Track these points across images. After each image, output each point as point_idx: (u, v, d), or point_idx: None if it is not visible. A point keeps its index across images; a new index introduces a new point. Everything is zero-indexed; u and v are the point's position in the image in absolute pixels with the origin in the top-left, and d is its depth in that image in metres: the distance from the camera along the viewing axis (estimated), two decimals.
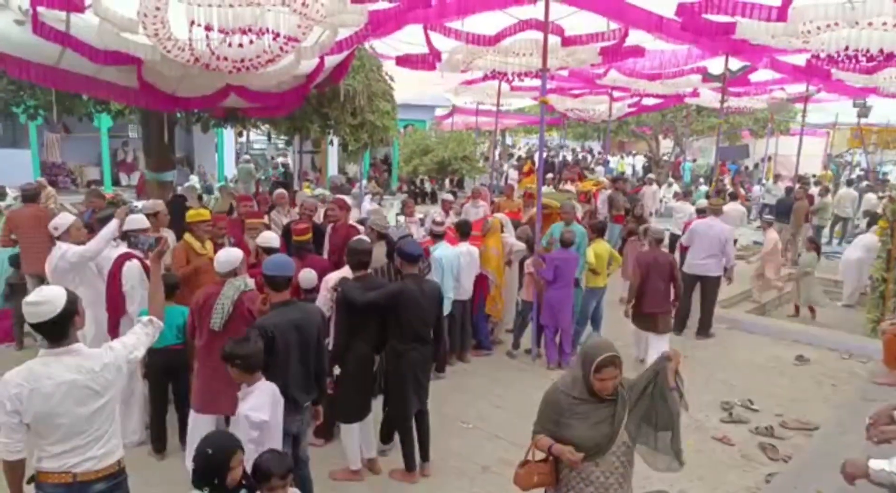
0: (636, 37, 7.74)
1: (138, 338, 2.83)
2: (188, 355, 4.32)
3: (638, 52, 8.25)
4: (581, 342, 7.20)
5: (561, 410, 2.88)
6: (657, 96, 13.97)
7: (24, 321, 6.24)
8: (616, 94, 14.58)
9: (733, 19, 6.41)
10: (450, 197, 9.09)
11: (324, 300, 4.55)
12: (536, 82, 11.92)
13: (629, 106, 16.40)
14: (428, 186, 18.56)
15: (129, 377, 2.98)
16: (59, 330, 2.54)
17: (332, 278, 4.55)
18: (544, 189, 8.22)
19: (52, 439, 2.53)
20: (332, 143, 11.28)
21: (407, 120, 19.38)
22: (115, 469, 2.66)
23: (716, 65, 10.21)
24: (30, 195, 6.83)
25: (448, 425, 5.30)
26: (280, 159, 21.95)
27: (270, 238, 4.93)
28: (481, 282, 6.65)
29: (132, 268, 4.51)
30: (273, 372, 3.44)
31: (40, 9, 4.68)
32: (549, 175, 17.28)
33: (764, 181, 18.78)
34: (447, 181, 18.28)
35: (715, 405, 5.98)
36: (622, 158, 28.91)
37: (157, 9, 4.60)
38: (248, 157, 16.48)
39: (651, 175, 16.06)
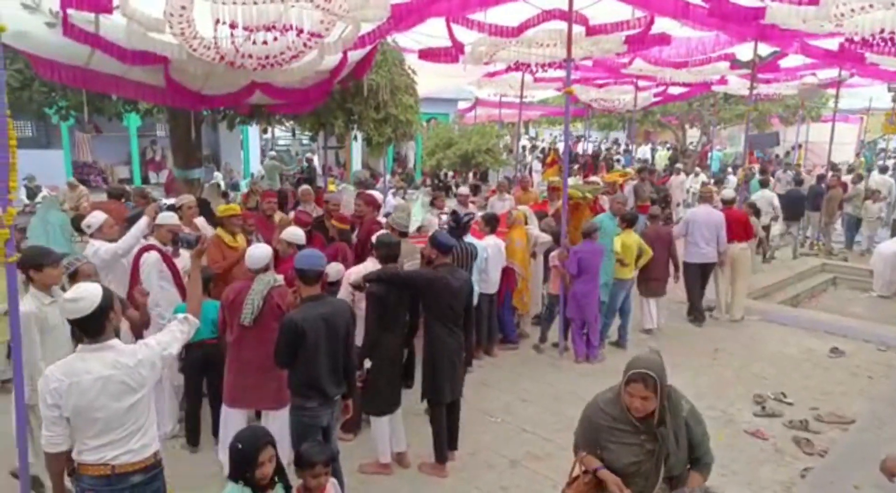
0: (662, 24, 7.60)
1: (173, 335, 2.88)
2: (223, 349, 4.38)
3: (664, 40, 8.10)
4: (608, 335, 7.15)
5: (599, 429, 2.80)
6: (683, 85, 13.69)
7: None
8: (641, 83, 14.35)
9: (762, 4, 6.27)
10: (465, 190, 9.03)
11: (345, 294, 4.59)
12: (560, 73, 11.78)
13: (655, 95, 16.12)
14: (451, 180, 18.51)
15: None
16: (95, 326, 2.60)
17: (354, 272, 4.58)
18: (570, 181, 8.15)
19: (90, 432, 2.59)
20: (356, 138, 11.29)
21: (430, 113, 19.33)
22: (151, 462, 2.72)
23: (744, 51, 9.95)
24: (115, 193, 8.08)
25: (476, 418, 5.29)
26: (308, 155, 22.10)
27: (296, 234, 4.97)
28: (507, 275, 6.62)
29: (148, 259, 4.60)
30: (302, 365, 3.50)
31: (70, 10, 4.76)
32: (576, 166, 17.11)
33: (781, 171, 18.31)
34: (471, 175, 18.23)
35: (747, 399, 5.89)
36: (656, 148, 28.36)
37: (183, 8, 4.65)
38: (273, 153, 16.60)
39: (678, 165, 15.80)
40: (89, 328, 2.60)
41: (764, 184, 11.71)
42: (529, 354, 6.89)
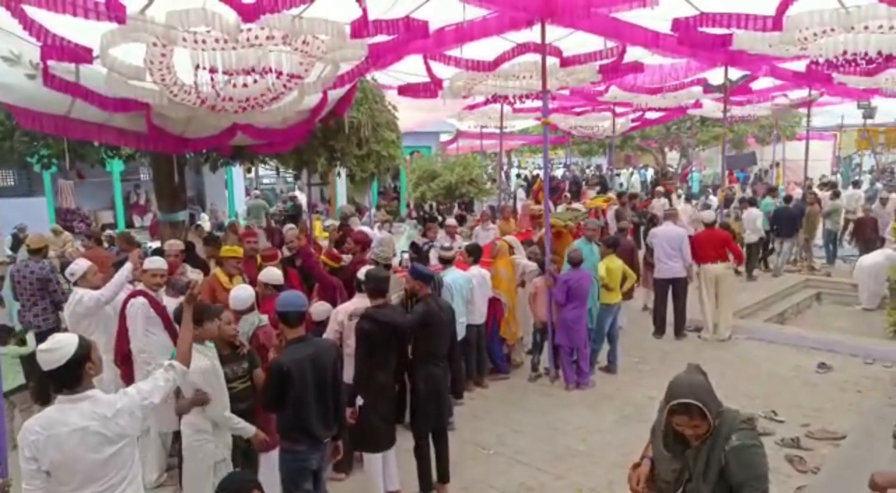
0: (634, 53, 7.80)
1: (155, 383, 2.83)
2: None
3: (637, 68, 8.30)
4: (597, 361, 7.16)
5: (655, 432, 2.72)
6: (660, 110, 13.98)
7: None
8: (619, 109, 14.63)
9: (729, 31, 6.47)
10: (454, 222, 9.13)
11: (332, 333, 4.59)
12: (538, 103, 12.06)
13: (632, 120, 16.41)
14: (438, 211, 18.63)
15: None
16: (71, 376, 2.57)
17: (342, 310, 4.58)
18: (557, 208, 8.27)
19: (71, 485, 2.54)
20: (339, 174, 11.38)
21: (412, 147, 19.54)
22: None
23: (716, 75, 10.24)
24: (94, 236, 8.59)
25: (468, 451, 5.26)
26: (292, 193, 22.20)
27: (274, 275, 4.98)
28: (494, 305, 6.65)
29: (135, 304, 4.58)
30: (291, 408, 3.46)
31: (50, 62, 4.82)
32: (565, 194, 17.31)
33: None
34: (456, 205, 18.37)
35: None
36: (632, 172, 28.81)
37: (163, 55, 4.73)
38: (258, 192, 16.66)
39: (659, 188, 16.03)
40: (65, 379, 2.56)
41: (751, 202, 11.95)
42: (520, 383, 6.88)
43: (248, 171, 17.43)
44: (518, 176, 28.76)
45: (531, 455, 5.23)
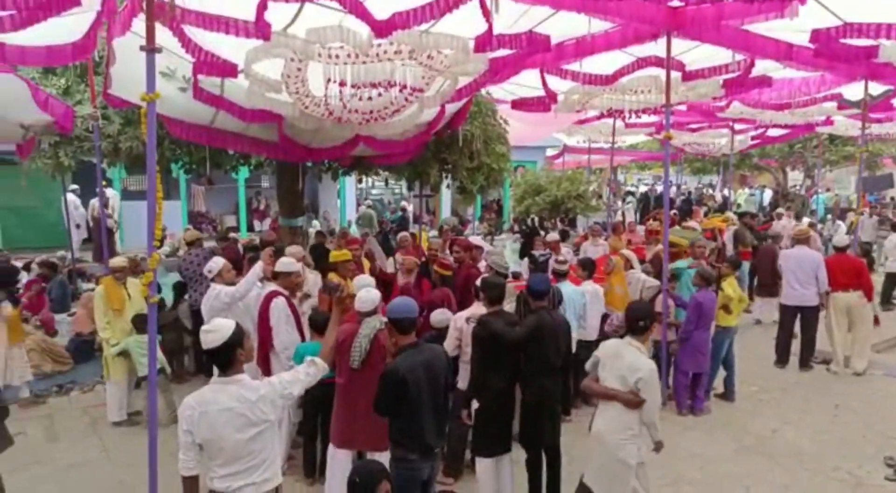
0: (762, 66, 7.43)
1: (297, 376, 3.01)
2: None
3: (765, 82, 7.89)
4: (713, 387, 6.80)
5: None
6: (785, 127, 13.20)
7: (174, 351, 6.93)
8: (738, 126, 13.95)
9: (875, 42, 6.02)
10: (556, 236, 9.01)
11: (452, 340, 4.65)
12: (652, 119, 11.70)
13: (752, 138, 15.61)
14: (539, 226, 18.49)
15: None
16: (223, 359, 2.79)
17: (460, 317, 4.64)
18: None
19: (218, 461, 2.76)
20: (448, 186, 11.60)
21: (518, 161, 19.55)
22: None
23: (853, 90, 9.51)
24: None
25: (578, 469, 5.11)
26: (403, 203, 22.89)
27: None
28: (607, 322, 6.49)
29: (277, 304, 4.86)
30: (405, 416, 3.47)
31: (200, 76, 5.29)
32: (673, 212, 16.72)
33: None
34: (558, 221, 18.16)
35: (877, 460, 5.40)
36: (753, 193, 27.21)
37: (299, 70, 5.05)
38: (369, 202, 17.26)
39: (780, 210, 15.08)
40: (219, 360, 2.81)
41: (893, 227, 10.97)
42: None
43: (360, 181, 18.12)
44: (629, 193, 28.04)
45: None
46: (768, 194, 25.82)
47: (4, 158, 13.07)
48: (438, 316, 4.68)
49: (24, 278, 8.84)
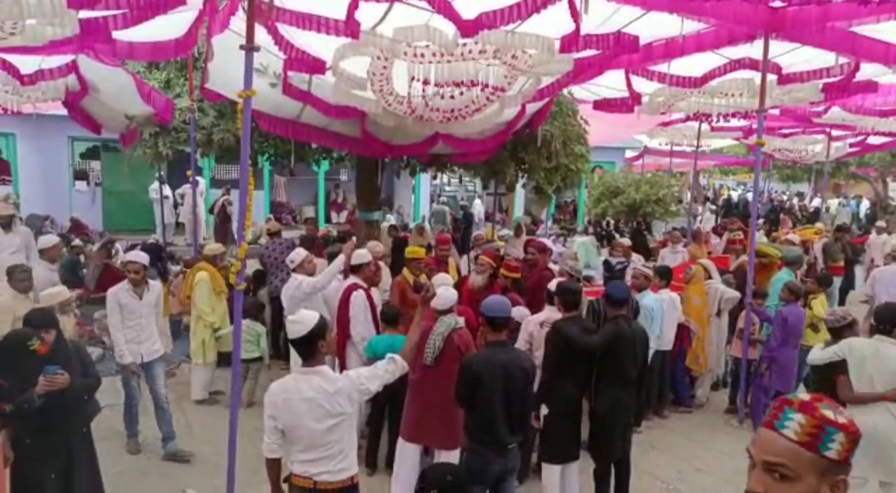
0: (868, 70, 6.97)
1: (375, 372, 3.07)
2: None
3: (870, 87, 7.40)
4: None
5: None
6: (888, 135, 12.33)
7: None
8: (835, 132, 13.14)
9: None
10: (627, 241, 8.77)
11: (522, 343, 4.63)
12: (741, 123, 11.18)
13: (851, 145, 14.66)
14: (614, 230, 18.07)
15: None
16: (306, 349, 2.90)
17: (533, 321, 4.61)
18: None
19: (298, 446, 2.88)
20: (523, 185, 11.51)
21: (596, 162, 19.16)
22: (348, 484, 2.95)
23: None
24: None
25: (647, 484, 5.02)
26: (463, 202, 22.97)
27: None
28: (682, 333, 6.29)
29: (357, 297, 5.00)
30: (479, 408, 3.56)
31: (290, 72, 5.47)
32: (761, 221, 15.95)
33: None
34: (635, 224, 17.70)
35: None
36: (846, 203, 25.58)
37: (384, 68, 5.14)
38: (443, 199, 17.37)
39: (880, 223, 14.11)
40: (302, 350, 2.92)
41: None
42: (703, 419, 6.42)
43: (434, 178, 18.27)
44: (706, 200, 26.96)
45: None
46: (864, 205, 24.21)
47: (108, 145, 14.00)
48: (516, 314, 4.66)
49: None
